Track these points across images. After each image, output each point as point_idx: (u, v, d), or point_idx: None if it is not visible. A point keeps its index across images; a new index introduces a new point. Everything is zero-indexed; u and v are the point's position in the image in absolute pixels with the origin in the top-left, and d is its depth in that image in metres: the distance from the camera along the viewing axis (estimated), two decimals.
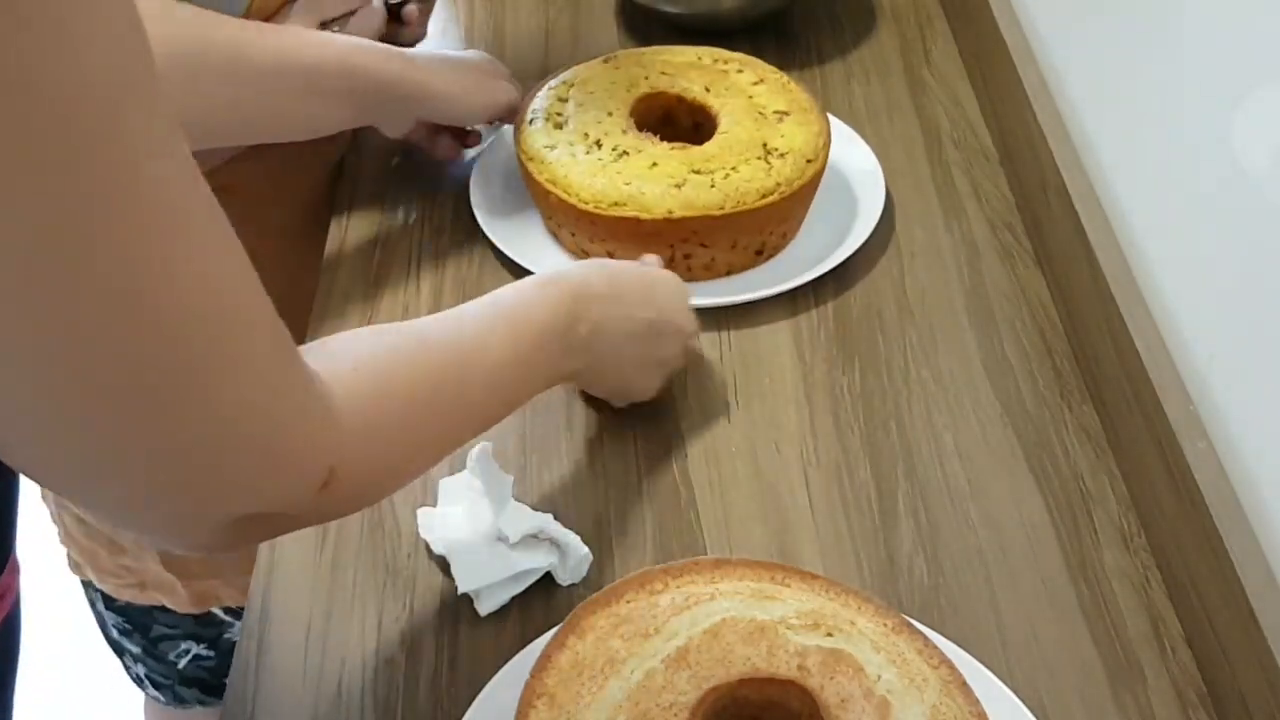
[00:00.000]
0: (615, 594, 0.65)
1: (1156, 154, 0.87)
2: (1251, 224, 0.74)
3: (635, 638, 0.62)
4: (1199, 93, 0.81)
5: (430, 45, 1.21)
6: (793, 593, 0.65)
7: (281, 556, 0.79)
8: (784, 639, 0.62)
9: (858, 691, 0.60)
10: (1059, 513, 0.81)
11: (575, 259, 0.97)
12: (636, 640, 0.62)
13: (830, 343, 0.92)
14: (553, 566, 0.75)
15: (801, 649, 0.62)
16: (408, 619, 0.76)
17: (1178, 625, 0.75)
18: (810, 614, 0.64)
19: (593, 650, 0.62)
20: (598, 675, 0.61)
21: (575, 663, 0.62)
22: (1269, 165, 0.72)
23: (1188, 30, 0.82)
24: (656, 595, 0.65)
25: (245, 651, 0.74)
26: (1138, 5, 0.90)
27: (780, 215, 0.95)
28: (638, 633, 0.63)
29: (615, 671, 0.61)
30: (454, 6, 1.27)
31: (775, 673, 0.61)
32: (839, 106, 1.13)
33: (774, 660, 0.62)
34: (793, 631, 0.63)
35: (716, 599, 0.64)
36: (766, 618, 0.63)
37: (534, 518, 0.76)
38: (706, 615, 0.63)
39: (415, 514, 0.81)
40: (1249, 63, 0.74)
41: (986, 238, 1.01)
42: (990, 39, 1.11)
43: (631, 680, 0.61)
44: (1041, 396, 0.88)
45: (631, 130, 0.96)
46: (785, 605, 0.64)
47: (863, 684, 0.61)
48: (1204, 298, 0.80)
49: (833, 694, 0.60)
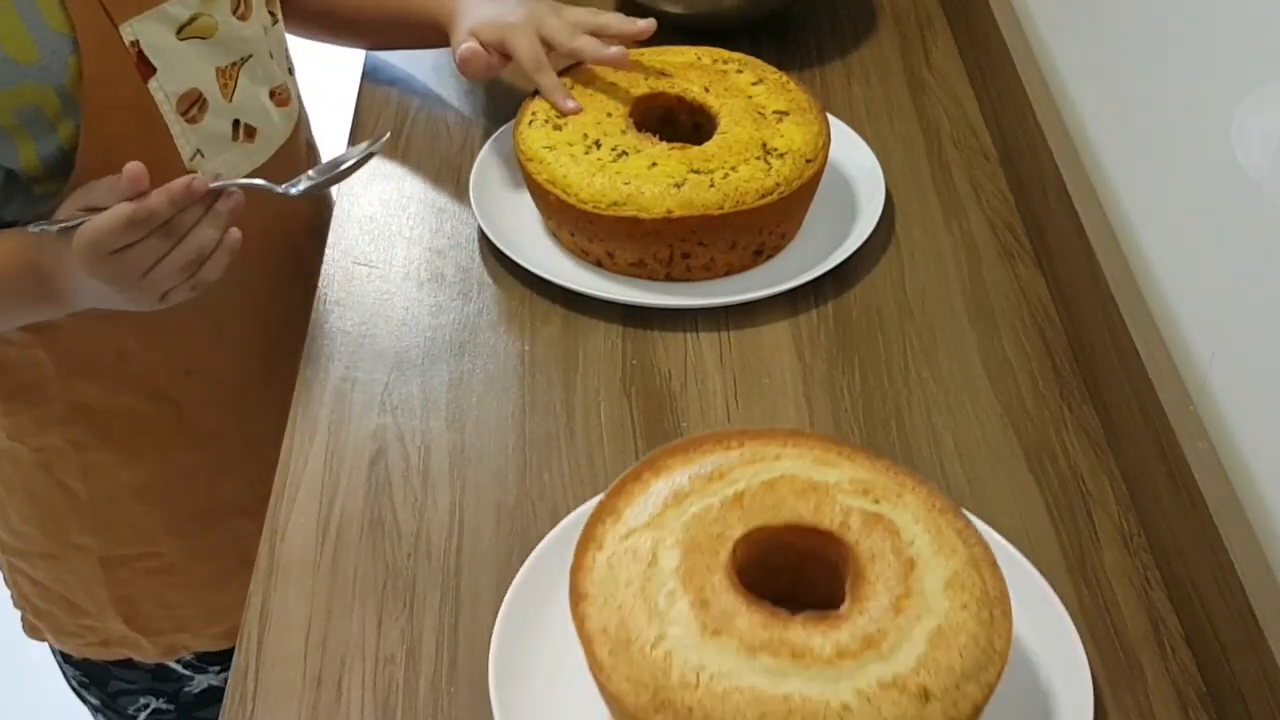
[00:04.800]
0: (695, 444, 0.71)
1: (1156, 154, 0.87)
2: (1251, 224, 0.74)
3: (701, 479, 0.69)
4: (1199, 93, 0.81)
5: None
6: (853, 465, 0.70)
7: (281, 556, 0.79)
8: (833, 498, 0.68)
9: (889, 549, 0.65)
10: (1059, 513, 0.81)
11: (575, 259, 0.97)
12: (702, 481, 0.69)
13: (830, 343, 0.92)
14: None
15: (847, 508, 0.67)
16: (408, 619, 0.76)
17: (1178, 625, 0.75)
18: (863, 482, 0.69)
19: (663, 485, 0.69)
20: (662, 504, 0.68)
21: (645, 492, 0.69)
22: (1269, 165, 0.72)
23: (1188, 30, 0.82)
24: (731, 450, 0.71)
25: (245, 652, 0.74)
26: (1138, 5, 0.90)
27: (780, 215, 0.95)
28: (705, 476, 0.69)
29: (677, 503, 0.68)
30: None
31: (818, 524, 0.67)
32: (839, 106, 1.13)
33: (820, 514, 0.67)
34: (843, 495, 0.68)
35: (782, 459, 0.70)
36: (822, 479, 0.69)
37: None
38: (769, 471, 0.69)
39: (415, 513, 0.81)
40: (1249, 63, 0.74)
41: (986, 238, 1.01)
42: (990, 39, 1.11)
43: (688, 512, 0.67)
44: (1041, 396, 0.88)
45: (631, 130, 0.96)
46: (841, 472, 0.70)
47: (895, 544, 0.65)
48: (1204, 298, 0.80)
49: (866, 549, 0.65)
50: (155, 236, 0.79)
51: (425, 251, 1.00)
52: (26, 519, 1.06)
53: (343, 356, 0.92)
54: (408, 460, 0.85)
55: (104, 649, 1.13)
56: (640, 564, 0.65)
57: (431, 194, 1.06)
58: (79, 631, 1.12)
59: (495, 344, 0.93)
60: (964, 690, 0.61)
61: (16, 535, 1.07)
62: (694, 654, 0.61)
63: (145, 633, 1.11)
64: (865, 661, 0.61)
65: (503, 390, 0.89)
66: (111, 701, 1.18)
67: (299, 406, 0.89)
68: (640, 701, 0.61)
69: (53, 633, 1.13)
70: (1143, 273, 0.87)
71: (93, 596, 1.08)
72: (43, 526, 1.06)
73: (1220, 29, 0.78)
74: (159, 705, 1.18)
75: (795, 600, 0.64)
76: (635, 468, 0.71)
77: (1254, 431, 0.73)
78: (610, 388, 0.89)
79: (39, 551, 1.07)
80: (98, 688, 1.17)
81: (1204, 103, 0.80)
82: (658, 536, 0.66)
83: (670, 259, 0.94)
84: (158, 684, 1.16)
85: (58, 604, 1.10)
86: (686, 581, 0.64)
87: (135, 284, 0.81)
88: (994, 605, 0.64)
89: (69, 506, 1.04)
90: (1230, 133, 0.76)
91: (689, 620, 0.62)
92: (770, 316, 0.94)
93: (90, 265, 0.80)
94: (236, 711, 0.72)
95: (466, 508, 0.82)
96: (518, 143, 0.98)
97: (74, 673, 1.18)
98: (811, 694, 0.60)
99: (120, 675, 1.16)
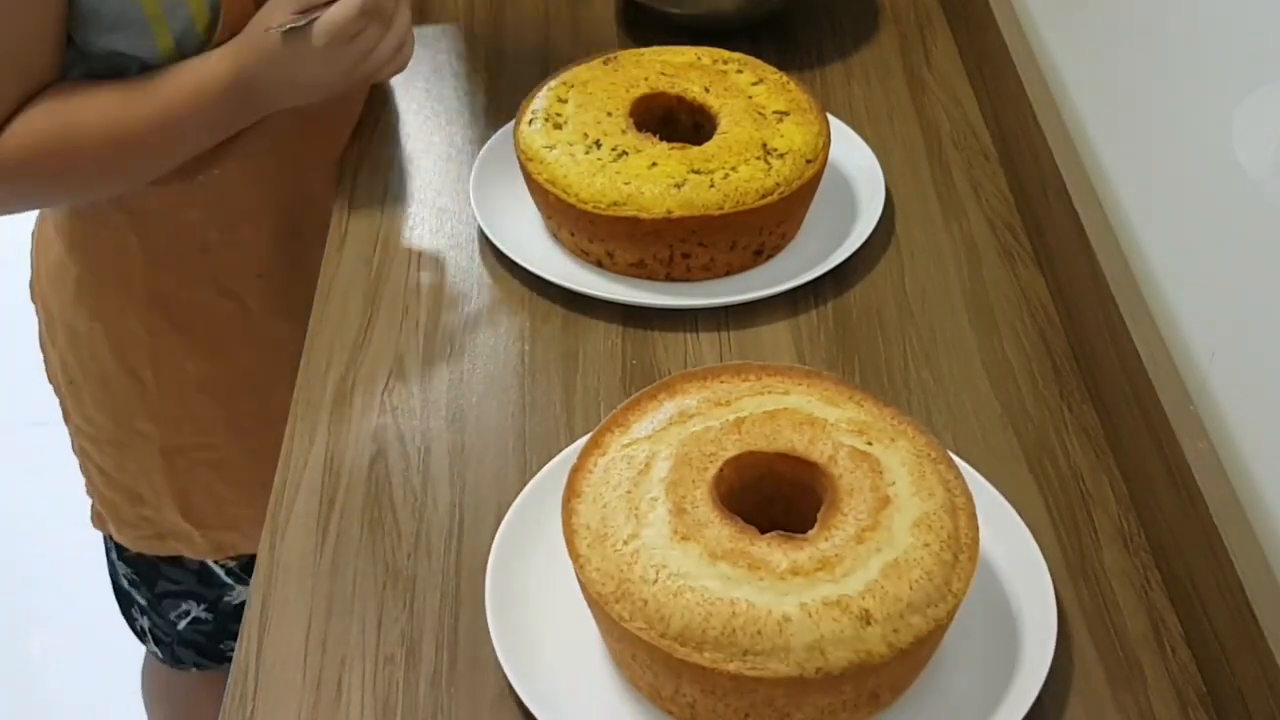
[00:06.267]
0: (713, 373, 0.76)
1: (1156, 154, 0.87)
2: (1251, 224, 0.74)
3: (709, 404, 0.74)
4: (1199, 93, 0.81)
5: (430, 44, 1.22)
6: (857, 408, 0.74)
7: (281, 556, 0.79)
8: (828, 434, 0.71)
9: (868, 486, 0.68)
10: (1059, 513, 0.81)
11: (575, 259, 0.97)
12: (709, 405, 0.74)
13: (830, 343, 0.92)
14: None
15: (838, 444, 0.71)
16: (408, 619, 0.76)
17: (1178, 625, 0.75)
18: (861, 423, 0.72)
19: (673, 405, 0.74)
20: (667, 420, 0.73)
21: (656, 411, 0.74)
22: (1269, 165, 0.72)
23: (1188, 30, 0.82)
24: (745, 382, 0.75)
25: (245, 652, 0.74)
26: (1138, 5, 0.90)
27: (780, 215, 0.95)
28: (713, 401, 0.74)
29: (682, 422, 0.73)
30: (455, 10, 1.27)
31: (808, 455, 0.70)
32: (839, 106, 1.13)
33: (812, 448, 0.71)
34: (839, 432, 0.71)
35: (790, 395, 0.74)
36: (822, 416, 0.72)
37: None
38: (774, 403, 0.73)
39: (415, 513, 0.81)
40: (1249, 63, 0.74)
41: (986, 238, 1.01)
42: (990, 39, 1.11)
43: (689, 429, 0.72)
44: (1041, 397, 0.88)
45: (631, 130, 0.96)
46: (843, 412, 0.73)
47: (875, 482, 0.69)
48: (1204, 298, 0.80)
49: (847, 483, 0.69)
50: (375, 25, 0.91)
51: (425, 251, 1.01)
52: (99, 405, 1.13)
53: (343, 356, 0.92)
54: (408, 460, 0.85)
55: (158, 542, 1.19)
56: (633, 470, 0.70)
57: (431, 194, 1.06)
58: (137, 523, 1.18)
59: (495, 344, 0.93)
60: (907, 620, 0.64)
61: (89, 421, 1.15)
62: (659, 554, 0.66)
63: (198, 525, 1.17)
64: (816, 581, 0.65)
65: (503, 390, 0.89)
66: (157, 603, 1.24)
67: (299, 406, 0.89)
68: (605, 591, 0.66)
69: (114, 522, 1.19)
70: (1143, 273, 0.87)
71: (152, 484, 1.15)
72: (112, 413, 1.13)
73: (1220, 29, 0.78)
74: (199, 613, 1.24)
75: (786, 529, 0.68)
76: (652, 388, 0.75)
77: (1254, 431, 0.73)
78: (610, 388, 0.89)
79: (107, 438, 1.15)
80: (146, 586, 1.23)
81: (1204, 103, 0.80)
82: (655, 449, 0.71)
83: (670, 259, 0.94)
84: (201, 588, 1.22)
85: (121, 493, 1.17)
86: (671, 490, 0.69)
87: (357, 69, 0.92)
88: (961, 550, 0.67)
89: (137, 395, 1.11)
90: (1230, 133, 0.76)
91: (663, 524, 0.67)
92: (770, 316, 0.94)
93: (326, 56, 0.90)
94: (236, 711, 0.72)
95: (466, 508, 0.82)
96: (518, 143, 0.98)
97: (126, 570, 1.24)
98: (758, 602, 0.64)
99: (168, 574, 1.22)
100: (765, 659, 0.63)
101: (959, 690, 0.70)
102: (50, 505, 1.98)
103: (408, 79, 1.18)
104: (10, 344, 1.69)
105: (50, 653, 1.94)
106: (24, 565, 2.07)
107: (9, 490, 2.16)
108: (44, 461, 1.86)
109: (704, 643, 0.64)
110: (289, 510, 0.82)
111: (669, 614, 0.64)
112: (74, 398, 1.14)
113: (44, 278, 1.11)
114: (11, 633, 1.97)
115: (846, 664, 0.63)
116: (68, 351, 1.11)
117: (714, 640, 0.63)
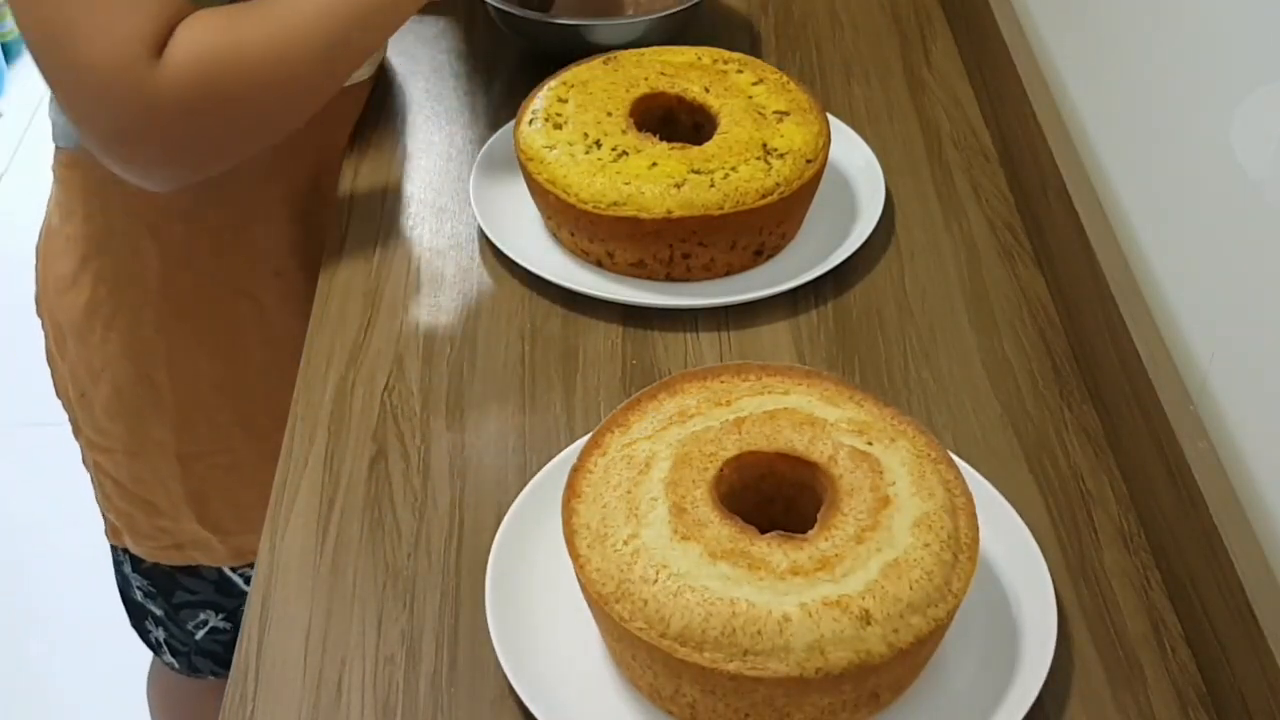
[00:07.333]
0: (713, 372, 0.76)
1: (1156, 154, 0.87)
2: (1251, 224, 0.74)
3: (709, 404, 0.74)
4: (1199, 93, 0.81)
5: (430, 44, 1.22)
6: (857, 408, 0.73)
7: (281, 556, 0.79)
8: (828, 434, 0.71)
9: (868, 486, 0.68)
10: (1059, 513, 0.81)
11: (575, 259, 0.97)
12: (709, 405, 0.74)
13: (830, 343, 0.93)
14: None
15: (839, 444, 0.71)
16: (408, 619, 0.76)
17: (1178, 625, 0.75)
18: (862, 423, 0.72)
19: (673, 405, 0.74)
20: (667, 420, 0.73)
21: (656, 410, 0.74)
22: (1269, 165, 0.72)
23: (1188, 30, 0.82)
24: (745, 382, 0.75)
25: (245, 652, 0.74)
26: (1137, 5, 0.90)
27: (780, 215, 0.95)
28: (714, 400, 0.74)
29: (682, 421, 0.73)
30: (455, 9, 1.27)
31: (808, 455, 0.70)
32: (839, 106, 1.13)
33: (812, 448, 0.71)
34: (839, 432, 0.71)
35: (790, 395, 0.74)
36: (822, 416, 0.72)
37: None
38: (774, 402, 0.73)
39: (415, 513, 0.81)
40: (1249, 63, 0.75)
41: (986, 238, 1.01)
42: (990, 39, 1.11)
43: (689, 429, 0.72)
44: (1041, 396, 0.88)
45: (631, 130, 0.96)
46: (844, 412, 0.73)
47: (875, 482, 0.69)
48: (1204, 298, 0.80)
49: (847, 483, 0.69)
50: None
51: (425, 251, 1.01)
52: (112, 415, 1.12)
53: (343, 356, 0.92)
54: (408, 460, 0.85)
55: (176, 552, 1.18)
56: (633, 470, 0.70)
57: (431, 194, 1.06)
58: (154, 534, 1.17)
59: (495, 344, 0.93)
60: (907, 620, 0.64)
61: (102, 432, 1.13)
62: (659, 553, 0.66)
63: (216, 531, 1.16)
64: (816, 580, 0.65)
65: (503, 390, 0.89)
66: (174, 614, 1.23)
67: (299, 406, 0.89)
68: (605, 591, 0.66)
69: (130, 534, 1.18)
70: (1143, 273, 0.87)
71: (168, 492, 1.14)
72: (126, 422, 1.12)
73: (1220, 29, 0.78)
74: (217, 622, 1.23)
75: (786, 530, 0.68)
76: (652, 388, 0.75)
77: (1254, 431, 0.73)
78: (610, 388, 0.89)
79: (122, 448, 1.13)
80: (163, 597, 1.22)
81: (1204, 103, 0.80)
82: (655, 448, 0.71)
83: (670, 259, 0.94)
84: (219, 597, 1.21)
85: (136, 505, 1.16)
86: (671, 490, 0.69)
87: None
88: (961, 550, 0.68)
89: (152, 401, 1.10)
90: (1230, 133, 0.76)
91: (663, 524, 0.67)
92: (770, 316, 0.94)
93: None
94: (236, 711, 0.72)
95: (466, 508, 0.82)
96: (518, 143, 0.98)
97: (140, 582, 1.23)
98: (758, 602, 0.64)
99: (185, 584, 1.21)
100: (765, 659, 0.63)
101: (959, 690, 0.70)
102: (50, 505, 1.99)
103: (408, 79, 1.18)
104: (10, 344, 1.69)
105: (50, 653, 1.94)
106: (24, 565, 2.07)
107: (9, 490, 2.16)
108: (44, 461, 1.86)
109: (704, 643, 0.64)
110: (289, 510, 0.82)
111: (669, 614, 0.64)
112: (85, 409, 1.14)
113: (52, 291, 1.10)
114: (11, 633, 1.97)
115: (846, 664, 0.63)
116: (79, 363, 1.11)
117: (714, 640, 0.63)
